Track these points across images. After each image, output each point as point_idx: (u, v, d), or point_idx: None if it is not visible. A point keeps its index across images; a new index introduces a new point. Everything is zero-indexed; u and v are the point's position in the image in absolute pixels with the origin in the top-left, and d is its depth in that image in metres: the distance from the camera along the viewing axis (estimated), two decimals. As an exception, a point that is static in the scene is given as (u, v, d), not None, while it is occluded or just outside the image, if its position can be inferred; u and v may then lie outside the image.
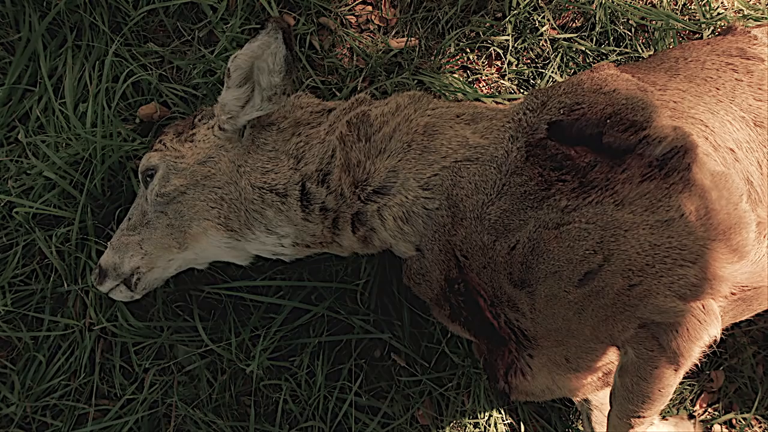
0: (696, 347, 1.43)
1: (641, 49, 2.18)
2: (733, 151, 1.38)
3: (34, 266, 1.86)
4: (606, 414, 1.67)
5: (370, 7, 2.14)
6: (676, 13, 2.22)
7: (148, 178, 1.62)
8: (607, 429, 1.64)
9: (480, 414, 1.95)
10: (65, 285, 1.84)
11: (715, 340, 1.36)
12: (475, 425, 1.95)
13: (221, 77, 1.94)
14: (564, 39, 2.16)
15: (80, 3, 1.96)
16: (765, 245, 1.39)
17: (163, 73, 1.98)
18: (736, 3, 2.25)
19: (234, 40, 1.99)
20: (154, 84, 1.94)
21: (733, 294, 1.43)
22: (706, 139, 1.38)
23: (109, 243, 1.68)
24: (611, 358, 1.54)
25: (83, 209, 1.81)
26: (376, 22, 2.13)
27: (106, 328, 1.83)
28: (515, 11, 2.14)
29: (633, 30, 2.20)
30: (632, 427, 1.54)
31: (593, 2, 2.17)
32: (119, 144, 1.85)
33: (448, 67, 2.12)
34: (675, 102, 1.42)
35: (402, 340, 1.91)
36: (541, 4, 2.17)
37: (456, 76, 2.11)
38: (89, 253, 1.84)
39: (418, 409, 1.92)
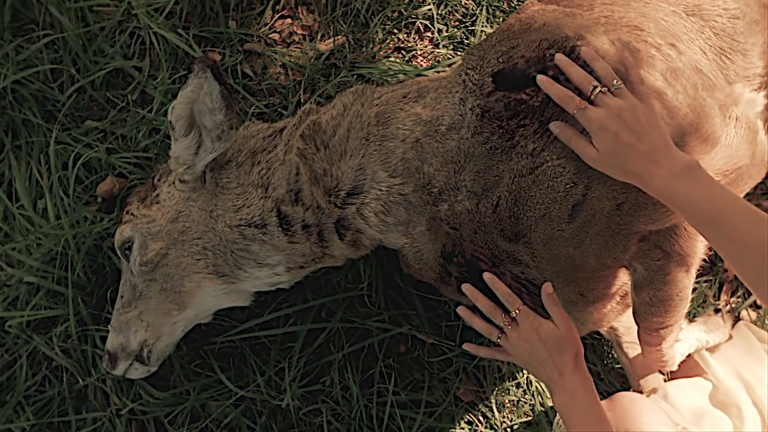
0: (699, 243, 1.44)
1: (560, -23, 2.19)
2: (674, 45, 1.38)
3: (45, 372, 1.84)
4: (634, 336, 1.68)
5: (289, 20, 2.13)
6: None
7: (127, 252, 1.59)
8: (641, 347, 1.65)
9: (518, 373, 1.96)
10: (80, 381, 1.81)
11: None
12: (517, 385, 1.96)
13: (167, 132, 1.92)
14: (484, -9, 2.16)
15: (6, 104, 1.93)
16: (732, 125, 1.40)
17: (109, 145, 1.96)
18: None
19: (168, 92, 1.97)
20: (103, 159, 1.91)
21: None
22: (646, 42, 1.38)
23: (110, 326, 1.66)
24: (624, 279, 1.55)
25: (74, 302, 1.79)
26: (299, 32, 2.12)
27: (133, 409, 1.81)
28: (429, -21, 2.14)
29: (546, -38, 2.20)
30: (663, 338, 1.55)
31: (500, -52, 2.17)
32: (89, 228, 1.82)
33: (381, 53, 2.11)
34: (605, 16, 1.42)
35: (421, 328, 1.91)
36: (452, -35, 2.17)
37: (392, 59, 2.10)
38: (93, 342, 1.82)
39: (458, 388, 1.92)
